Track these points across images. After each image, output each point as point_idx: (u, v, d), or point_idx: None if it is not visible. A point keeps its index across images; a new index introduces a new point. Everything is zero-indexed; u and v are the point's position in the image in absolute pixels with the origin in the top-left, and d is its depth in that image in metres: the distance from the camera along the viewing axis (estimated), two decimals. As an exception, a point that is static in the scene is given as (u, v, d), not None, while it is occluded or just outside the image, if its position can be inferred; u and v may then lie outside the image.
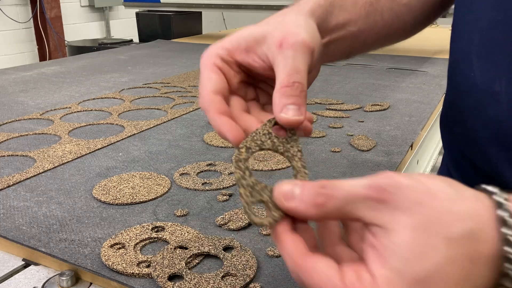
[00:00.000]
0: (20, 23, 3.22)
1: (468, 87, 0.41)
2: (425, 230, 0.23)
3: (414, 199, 0.24)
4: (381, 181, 0.25)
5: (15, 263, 0.49)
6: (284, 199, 0.27)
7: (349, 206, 0.25)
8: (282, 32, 0.33)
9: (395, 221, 0.24)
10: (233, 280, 0.43)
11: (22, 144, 0.80)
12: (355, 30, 0.45)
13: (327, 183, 0.26)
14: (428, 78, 1.28)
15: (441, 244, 0.23)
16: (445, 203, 0.24)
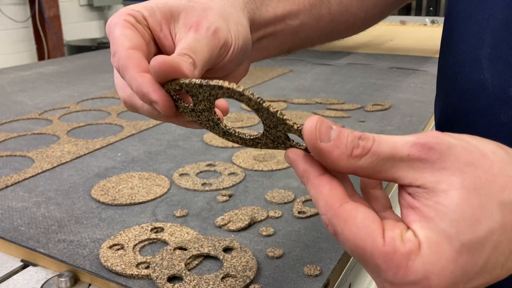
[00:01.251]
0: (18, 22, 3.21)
1: (476, 90, 0.39)
2: (477, 192, 0.21)
3: (465, 159, 0.22)
4: (428, 139, 0.22)
5: (13, 264, 0.48)
6: (320, 138, 0.23)
7: (388, 164, 0.22)
8: (197, 16, 0.30)
9: (443, 181, 0.21)
10: (233, 281, 0.43)
11: (21, 144, 0.79)
12: (296, 23, 0.40)
13: (366, 135, 0.23)
14: (429, 77, 1.28)
15: (495, 208, 0.21)
16: (498, 165, 0.22)
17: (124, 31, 0.30)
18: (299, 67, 1.43)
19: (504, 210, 0.21)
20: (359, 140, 0.23)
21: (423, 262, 0.21)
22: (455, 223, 0.21)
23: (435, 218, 0.21)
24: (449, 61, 0.44)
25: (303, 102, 1.04)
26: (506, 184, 0.21)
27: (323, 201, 0.23)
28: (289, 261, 0.47)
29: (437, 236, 0.21)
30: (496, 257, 0.21)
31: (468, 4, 0.41)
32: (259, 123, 0.90)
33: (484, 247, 0.21)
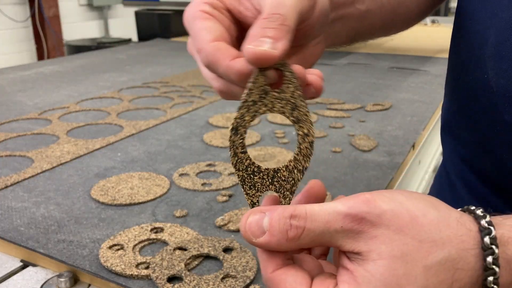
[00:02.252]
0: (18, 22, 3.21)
1: (480, 90, 0.39)
2: (403, 259, 0.23)
3: (394, 226, 0.23)
4: (359, 209, 0.24)
5: (13, 264, 0.48)
6: (252, 235, 0.25)
7: (326, 237, 0.24)
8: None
9: (373, 251, 0.23)
10: (233, 281, 0.43)
11: (20, 144, 0.79)
12: (363, 9, 0.41)
13: (298, 212, 0.24)
14: (430, 77, 1.28)
15: (419, 273, 0.23)
16: (427, 228, 0.23)
17: (203, 24, 0.29)
18: (299, 67, 1.43)
19: (428, 274, 0.23)
20: (291, 219, 0.24)
21: None
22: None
23: (361, 284, 0.23)
24: (454, 60, 0.44)
25: (303, 102, 1.04)
26: (431, 249, 0.23)
27: (261, 265, 0.26)
28: (289, 261, 0.47)
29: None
30: None
31: (471, 3, 0.41)
32: (259, 122, 0.90)
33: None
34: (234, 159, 0.28)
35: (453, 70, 0.45)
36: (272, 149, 0.75)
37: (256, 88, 0.27)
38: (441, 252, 0.23)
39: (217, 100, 1.06)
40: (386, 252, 0.23)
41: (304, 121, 0.28)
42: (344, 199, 0.25)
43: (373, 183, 0.63)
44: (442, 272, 0.23)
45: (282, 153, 0.74)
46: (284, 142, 0.79)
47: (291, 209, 0.24)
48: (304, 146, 0.28)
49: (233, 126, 0.27)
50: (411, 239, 0.23)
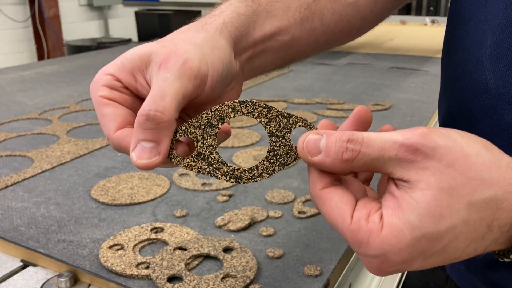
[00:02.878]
0: (18, 22, 3.21)
1: (479, 91, 0.38)
2: (449, 192, 0.24)
3: (446, 160, 0.24)
4: (415, 140, 0.24)
5: (13, 264, 0.48)
6: (309, 153, 0.26)
7: (379, 163, 0.25)
8: (167, 52, 0.29)
9: (423, 180, 0.24)
10: (233, 281, 0.43)
11: (20, 144, 0.79)
12: (287, 39, 0.40)
13: (355, 136, 0.25)
14: (430, 77, 1.28)
15: (462, 208, 0.24)
16: (477, 168, 0.24)
17: (105, 111, 0.30)
18: (299, 67, 1.43)
19: (470, 209, 0.24)
20: (348, 143, 0.25)
21: (382, 241, 0.24)
22: (420, 217, 0.24)
23: (405, 209, 0.24)
24: (452, 62, 0.44)
25: (303, 102, 1.04)
26: (477, 187, 0.24)
27: (310, 182, 0.27)
28: (289, 261, 0.47)
29: (401, 224, 0.24)
30: (455, 245, 0.24)
31: (469, 5, 0.41)
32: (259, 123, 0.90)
33: (443, 237, 0.24)
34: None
35: (450, 71, 0.44)
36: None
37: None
38: (487, 191, 0.24)
39: (217, 100, 1.06)
40: (435, 184, 0.24)
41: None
42: (401, 130, 0.25)
43: (374, 182, 0.63)
44: (484, 209, 0.24)
45: (282, 153, 0.74)
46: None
47: (349, 133, 0.26)
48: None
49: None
50: (460, 175, 0.24)
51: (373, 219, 0.25)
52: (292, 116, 0.29)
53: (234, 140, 0.80)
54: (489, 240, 0.25)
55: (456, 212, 0.24)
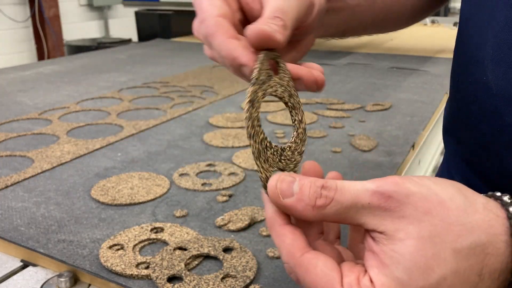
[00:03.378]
0: (18, 22, 3.21)
1: (480, 91, 0.39)
2: (432, 240, 0.22)
3: (423, 208, 0.23)
4: (388, 187, 0.24)
5: (13, 264, 0.48)
6: (282, 195, 0.25)
7: (352, 212, 0.24)
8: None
9: (401, 230, 0.23)
10: (233, 281, 0.43)
11: (20, 144, 0.79)
12: (353, 3, 0.42)
13: (329, 184, 0.25)
14: (430, 77, 1.28)
15: (448, 256, 0.22)
16: (455, 213, 0.23)
17: (212, 1, 0.30)
18: (299, 67, 1.43)
19: (457, 257, 0.22)
20: (322, 189, 0.24)
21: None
22: (408, 271, 0.22)
23: (390, 265, 0.22)
24: (454, 62, 0.44)
25: (303, 101, 1.04)
26: (460, 232, 0.23)
27: (285, 250, 0.25)
28: (289, 261, 0.47)
29: (391, 282, 0.22)
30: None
31: (469, 6, 0.41)
32: (259, 123, 0.90)
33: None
34: (252, 130, 0.28)
35: (455, 72, 0.45)
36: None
37: (264, 70, 0.29)
38: (470, 236, 0.23)
39: (217, 100, 1.07)
40: (414, 232, 0.22)
41: (298, 109, 0.31)
42: (373, 179, 0.25)
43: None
44: (472, 256, 0.22)
45: (282, 153, 0.74)
46: (284, 142, 0.79)
47: (322, 180, 0.25)
48: (300, 131, 0.31)
49: (250, 98, 0.28)
50: (439, 221, 0.23)
51: (364, 283, 0.23)
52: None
53: (234, 140, 0.80)
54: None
55: (443, 261, 0.22)
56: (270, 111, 0.98)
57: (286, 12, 0.29)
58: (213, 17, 0.29)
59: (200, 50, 0.37)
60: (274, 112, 0.96)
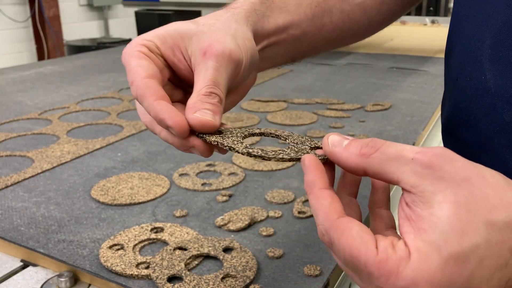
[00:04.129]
0: (18, 22, 3.21)
1: (479, 91, 0.39)
2: (468, 208, 0.22)
3: (463, 173, 0.23)
4: (435, 150, 0.24)
5: (13, 264, 0.48)
6: (331, 142, 0.27)
7: (394, 164, 0.24)
8: (209, 39, 0.33)
9: (438, 193, 0.23)
10: (233, 281, 0.43)
11: (20, 144, 0.79)
12: (298, 33, 0.42)
13: (376, 139, 0.26)
14: (430, 77, 1.28)
15: (482, 226, 0.22)
16: (494, 186, 0.23)
17: (139, 62, 0.32)
18: (299, 67, 1.43)
19: (491, 228, 0.22)
20: (370, 141, 0.26)
21: (412, 269, 0.22)
22: (444, 235, 0.22)
23: (427, 229, 0.23)
24: (452, 62, 0.44)
25: (303, 102, 1.04)
26: (496, 205, 0.22)
27: (322, 212, 0.25)
28: (289, 261, 0.47)
29: (427, 246, 0.22)
30: (481, 272, 0.22)
31: (467, 4, 0.41)
32: (259, 122, 0.90)
33: (470, 259, 0.22)
34: (255, 150, 0.31)
35: (451, 71, 0.45)
36: (272, 149, 0.75)
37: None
38: (506, 211, 0.22)
39: (217, 100, 1.06)
40: (451, 196, 0.22)
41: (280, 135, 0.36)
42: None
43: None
44: (505, 230, 0.22)
45: (282, 153, 0.74)
46: (284, 142, 0.79)
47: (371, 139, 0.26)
48: (294, 138, 0.35)
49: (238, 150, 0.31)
50: (477, 190, 0.23)
51: (399, 247, 0.23)
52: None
53: (234, 140, 0.80)
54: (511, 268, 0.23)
55: (476, 229, 0.22)
56: (270, 110, 0.98)
57: (219, 83, 0.32)
58: (141, 78, 0.31)
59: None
60: (274, 112, 0.96)
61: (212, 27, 0.34)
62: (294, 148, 0.32)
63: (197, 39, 0.33)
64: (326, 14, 0.44)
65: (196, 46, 0.33)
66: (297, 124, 0.89)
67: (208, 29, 0.34)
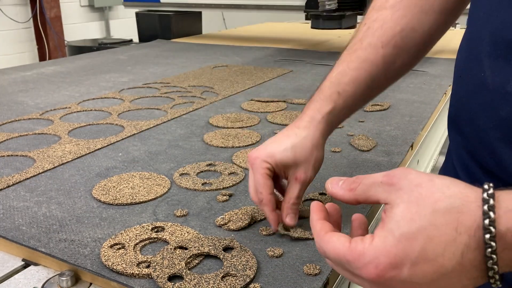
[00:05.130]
0: (19, 23, 3.22)
1: (478, 87, 0.41)
2: (417, 203, 0.30)
3: (415, 181, 0.31)
4: (394, 171, 0.32)
5: (14, 263, 0.49)
6: (331, 185, 0.36)
7: (372, 189, 0.33)
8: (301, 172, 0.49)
9: (398, 198, 0.31)
10: (233, 280, 0.43)
11: (22, 144, 0.80)
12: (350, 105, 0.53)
13: (359, 176, 0.34)
14: (429, 78, 1.28)
15: (427, 213, 0.29)
16: (439, 186, 0.30)
17: (266, 182, 0.49)
18: (299, 67, 1.43)
19: (435, 215, 0.29)
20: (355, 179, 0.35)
21: (373, 248, 0.30)
22: (397, 223, 0.30)
23: (387, 223, 0.30)
24: (458, 59, 0.46)
25: (303, 102, 1.05)
26: (439, 198, 0.30)
27: (315, 233, 0.35)
28: (289, 260, 0.47)
29: (385, 232, 0.30)
30: (433, 247, 0.29)
31: (474, 4, 0.42)
32: (259, 122, 0.91)
33: (417, 237, 0.29)
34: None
35: (456, 69, 0.46)
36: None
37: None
38: (447, 200, 0.29)
39: (217, 101, 1.07)
40: (406, 198, 0.30)
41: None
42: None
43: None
44: (448, 214, 0.29)
45: (282, 153, 0.74)
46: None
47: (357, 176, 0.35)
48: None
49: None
50: (425, 190, 0.30)
51: (366, 237, 0.31)
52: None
53: (234, 140, 0.80)
54: (461, 244, 0.29)
55: (423, 216, 0.29)
56: (270, 111, 0.98)
57: (299, 196, 0.50)
58: (267, 194, 0.49)
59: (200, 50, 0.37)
60: (274, 112, 0.97)
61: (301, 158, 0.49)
62: None
63: (294, 169, 0.50)
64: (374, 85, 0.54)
65: (292, 173, 0.50)
66: (297, 124, 0.90)
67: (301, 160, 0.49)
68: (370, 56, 0.51)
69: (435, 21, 0.52)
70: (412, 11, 0.51)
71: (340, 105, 0.51)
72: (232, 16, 4.32)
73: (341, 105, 0.51)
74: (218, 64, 1.50)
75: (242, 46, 1.89)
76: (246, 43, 1.95)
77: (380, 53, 0.51)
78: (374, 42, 0.52)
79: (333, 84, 0.52)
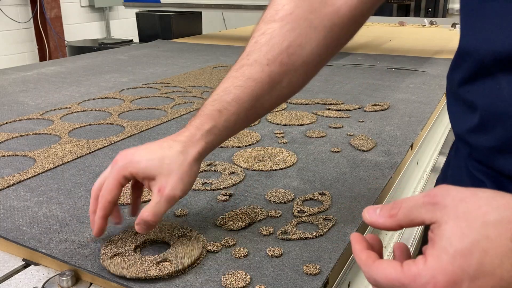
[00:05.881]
0: (20, 23, 3.22)
1: (493, 98, 0.40)
2: (465, 218, 0.30)
3: (459, 197, 0.31)
4: (434, 190, 0.32)
5: (15, 263, 0.49)
6: (368, 215, 0.35)
7: (414, 212, 0.32)
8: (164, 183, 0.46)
9: (445, 215, 0.30)
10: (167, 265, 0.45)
11: (22, 144, 0.80)
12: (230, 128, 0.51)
13: (396, 201, 0.34)
14: (428, 78, 1.28)
15: (478, 227, 0.29)
16: (484, 200, 0.30)
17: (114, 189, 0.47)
18: (299, 68, 1.43)
19: (487, 227, 0.29)
20: (393, 204, 0.34)
21: (429, 268, 0.30)
22: (448, 240, 0.30)
23: (438, 241, 0.30)
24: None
25: (303, 102, 1.05)
26: (487, 210, 0.30)
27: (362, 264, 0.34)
28: (288, 260, 0.47)
29: (438, 251, 0.30)
30: (489, 260, 0.28)
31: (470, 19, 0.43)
32: (259, 122, 0.91)
33: (473, 252, 0.29)
34: None
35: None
36: (272, 149, 0.76)
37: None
38: (496, 212, 0.29)
39: (218, 101, 1.07)
40: (452, 214, 0.30)
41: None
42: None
43: (372, 182, 0.64)
44: (499, 225, 0.29)
45: (282, 153, 0.74)
46: (283, 142, 0.80)
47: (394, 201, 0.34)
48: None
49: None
50: (471, 204, 0.30)
51: (419, 259, 0.31)
52: None
53: (234, 140, 0.80)
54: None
55: (474, 230, 0.29)
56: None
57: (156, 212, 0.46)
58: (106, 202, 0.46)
59: (200, 51, 0.37)
60: (274, 112, 0.97)
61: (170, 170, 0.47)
62: None
63: (158, 179, 0.46)
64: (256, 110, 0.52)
65: (155, 184, 0.46)
66: (297, 124, 0.90)
67: (166, 172, 0.46)
68: (255, 75, 0.49)
69: (324, 39, 0.49)
70: (300, 26, 0.49)
71: (220, 124, 0.49)
72: (232, 16, 4.32)
73: (221, 124, 0.49)
74: (218, 64, 1.51)
75: (242, 46, 1.89)
76: (246, 43, 1.95)
77: (266, 71, 0.49)
78: (260, 59, 0.50)
79: (216, 102, 0.49)
